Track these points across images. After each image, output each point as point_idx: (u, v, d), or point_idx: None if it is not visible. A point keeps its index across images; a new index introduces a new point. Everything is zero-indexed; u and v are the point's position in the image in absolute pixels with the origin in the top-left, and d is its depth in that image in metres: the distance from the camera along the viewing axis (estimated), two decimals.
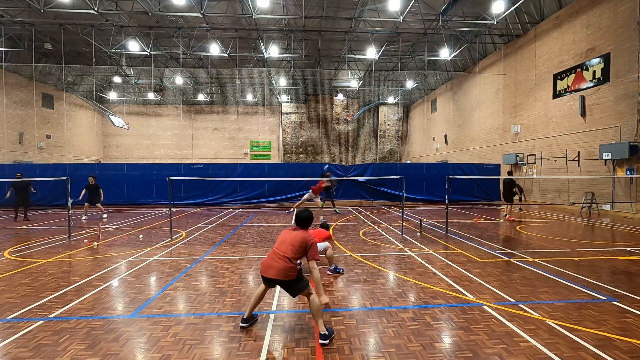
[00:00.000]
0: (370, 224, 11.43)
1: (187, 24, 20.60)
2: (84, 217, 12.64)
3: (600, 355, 3.26)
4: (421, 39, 21.89)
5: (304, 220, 4.03)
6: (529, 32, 18.19)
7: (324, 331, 3.53)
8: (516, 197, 13.03)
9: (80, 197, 12.53)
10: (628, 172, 12.91)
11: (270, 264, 3.72)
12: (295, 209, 12.43)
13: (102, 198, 13.12)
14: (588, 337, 3.60)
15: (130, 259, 6.94)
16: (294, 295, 3.80)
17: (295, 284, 3.72)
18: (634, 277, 5.60)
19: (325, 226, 6.66)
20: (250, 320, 3.94)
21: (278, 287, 5.13)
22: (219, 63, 27.50)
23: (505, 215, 12.67)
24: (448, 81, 27.97)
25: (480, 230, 10.07)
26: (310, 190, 13.31)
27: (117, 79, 29.22)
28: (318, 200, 12.17)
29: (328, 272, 5.89)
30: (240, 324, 3.87)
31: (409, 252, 7.37)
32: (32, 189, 13.00)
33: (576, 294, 4.87)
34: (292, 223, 3.75)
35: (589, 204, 14.07)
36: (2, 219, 12.98)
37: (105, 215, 13.05)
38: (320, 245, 5.90)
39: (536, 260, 6.67)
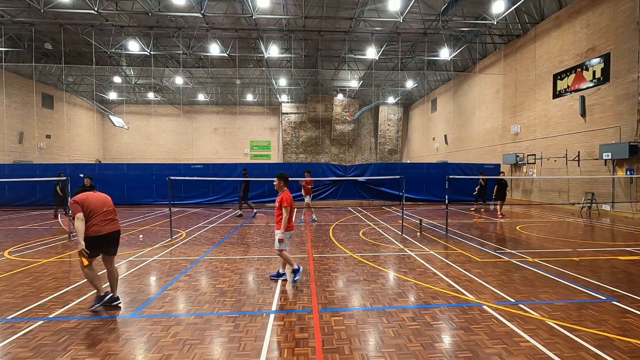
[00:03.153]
0: (370, 224, 11.43)
1: (187, 24, 20.60)
2: None
3: (600, 355, 3.26)
4: (421, 39, 21.88)
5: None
6: (529, 32, 18.19)
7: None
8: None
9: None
10: (628, 172, 12.91)
11: (110, 223, 4.51)
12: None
13: None
14: (588, 337, 3.60)
15: (130, 259, 6.94)
16: (115, 253, 4.65)
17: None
18: (634, 277, 5.60)
19: (283, 177, 5.48)
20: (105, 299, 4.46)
21: (279, 286, 5.14)
22: (219, 63, 27.50)
23: (502, 214, 12.87)
24: (448, 81, 27.97)
25: (480, 230, 10.07)
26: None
27: (117, 79, 29.22)
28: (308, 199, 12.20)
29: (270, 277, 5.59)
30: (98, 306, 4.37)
31: (409, 252, 7.37)
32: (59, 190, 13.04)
33: (576, 294, 4.87)
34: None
35: (589, 204, 14.07)
36: (3, 219, 12.98)
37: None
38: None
39: (536, 260, 6.67)
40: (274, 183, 5.56)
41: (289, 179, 5.64)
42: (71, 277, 5.74)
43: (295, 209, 12.19)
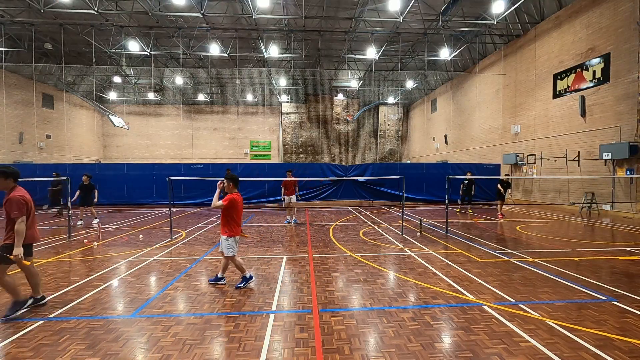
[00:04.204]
0: (370, 224, 11.43)
1: (187, 24, 20.60)
2: (79, 222, 11.52)
3: (600, 355, 3.26)
4: (421, 39, 21.88)
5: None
6: (529, 32, 18.19)
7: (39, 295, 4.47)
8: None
9: (74, 198, 11.43)
10: (628, 172, 12.91)
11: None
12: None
13: (95, 200, 11.90)
14: (588, 337, 3.60)
15: (130, 259, 6.94)
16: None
17: None
18: (634, 277, 5.60)
19: (231, 178, 5.35)
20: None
21: (279, 286, 5.14)
22: (219, 63, 27.50)
23: (502, 214, 12.91)
24: (448, 81, 27.97)
25: (480, 230, 10.07)
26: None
27: (117, 79, 29.22)
28: (293, 198, 12.20)
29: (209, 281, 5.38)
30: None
31: (409, 252, 7.37)
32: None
33: (576, 294, 4.87)
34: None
35: (589, 204, 14.07)
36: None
37: (95, 221, 11.62)
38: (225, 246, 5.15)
39: (536, 260, 6.67)
40: (224, 185, 5.36)
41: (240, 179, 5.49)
42: (71, 277, 5.74)
43: (286, 210, 12.30)
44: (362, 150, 38.02)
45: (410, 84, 29.67)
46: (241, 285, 5.17)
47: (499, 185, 12.96)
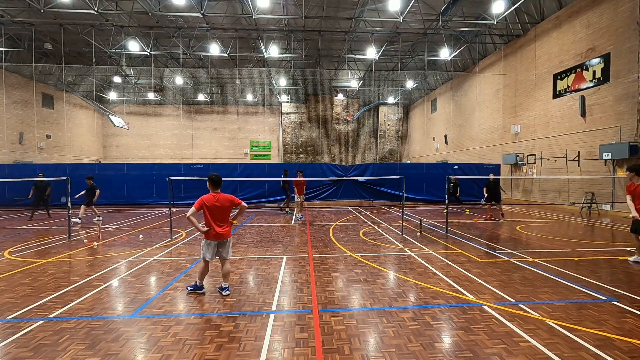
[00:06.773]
0: (370, 224, 11.43)
1: (187, 24, 20.60)
2: (79, 219, 11.78)
3: (600, 355, 3.26)
4: (421, 39, 21.88)
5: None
6: (529, 32, 18.18)
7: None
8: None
9: (95, 199, 12.31)
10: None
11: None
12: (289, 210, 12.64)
13: (86, 199, 12.16)
14: (588, 337, 3.60)
15: (130, 259, 6.94)
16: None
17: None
18: (634, 277, 5.60)
19: (209, 179, 5.22)
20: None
21: (279, 286, 5.15)
22: (219, 63, 27.50)
23: (490, 215, 12.88)
24: (448, 81, 27.97)
25: (480, 230, 10.07)
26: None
27: (117, 79, 29.21)
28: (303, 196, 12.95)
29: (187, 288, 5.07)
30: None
31: (409, 252, 7.37)
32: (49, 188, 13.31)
33: (576, 294, 4.87)
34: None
35: (589, 204, 14.06)
36: (3, 219, 12.98)
37: (82, 220, 11.89)
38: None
39: (536, 260, 6.67)
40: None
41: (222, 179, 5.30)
42: (71, 277, 5.74)
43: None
44: (362, 150, 38.02)
45: (410, 84, 29.67)
46: (190, 287, 4.99)
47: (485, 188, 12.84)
